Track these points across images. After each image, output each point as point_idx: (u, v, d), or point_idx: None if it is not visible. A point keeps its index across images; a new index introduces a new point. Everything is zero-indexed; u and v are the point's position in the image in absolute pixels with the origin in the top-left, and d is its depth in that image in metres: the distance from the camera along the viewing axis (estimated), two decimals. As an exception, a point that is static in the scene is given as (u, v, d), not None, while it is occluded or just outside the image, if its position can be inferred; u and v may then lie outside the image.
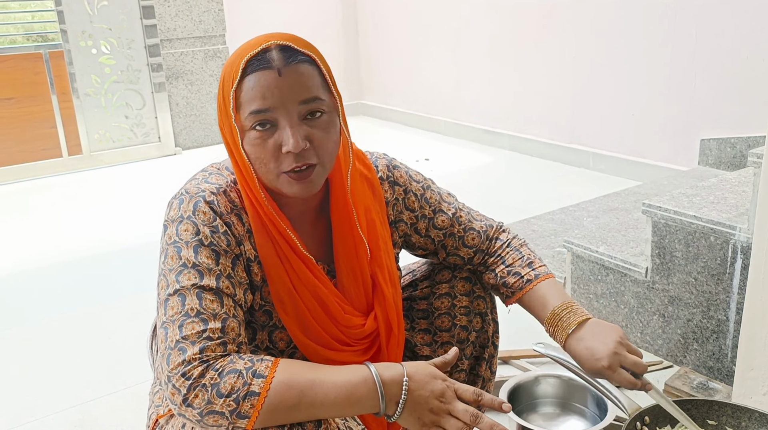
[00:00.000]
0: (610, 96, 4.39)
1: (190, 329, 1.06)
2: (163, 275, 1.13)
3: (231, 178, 1.22)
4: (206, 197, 1.16)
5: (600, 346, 1.31)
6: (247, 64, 1.13)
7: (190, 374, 1.02)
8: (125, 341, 2.59)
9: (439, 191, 1.48)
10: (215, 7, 5.59)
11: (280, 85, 1.13)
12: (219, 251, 1.14)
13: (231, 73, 1.15)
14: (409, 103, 6.26)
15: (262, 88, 1.12)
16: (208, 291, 1.10)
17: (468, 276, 1.52)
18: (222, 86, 1.17)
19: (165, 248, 1.15)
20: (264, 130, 1.14)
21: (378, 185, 1.38)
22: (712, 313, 2.10)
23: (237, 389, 1.02)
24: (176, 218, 1.15)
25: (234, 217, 1.19)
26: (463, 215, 1.48)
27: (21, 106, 5.03)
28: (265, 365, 1.06)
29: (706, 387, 2.06)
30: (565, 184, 4.35)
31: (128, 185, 4.88)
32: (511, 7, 4.97)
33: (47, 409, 2.18)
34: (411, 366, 1.13)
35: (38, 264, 3.45)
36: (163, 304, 1.11)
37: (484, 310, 1.54)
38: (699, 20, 3.74)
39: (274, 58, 1.14)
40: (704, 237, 2.06)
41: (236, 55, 1.16)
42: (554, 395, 1.67)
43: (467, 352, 1.55)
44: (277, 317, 1.24)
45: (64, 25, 5.02)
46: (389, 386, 1.09)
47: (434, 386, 1.11)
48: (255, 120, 1.13)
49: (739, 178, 2.44)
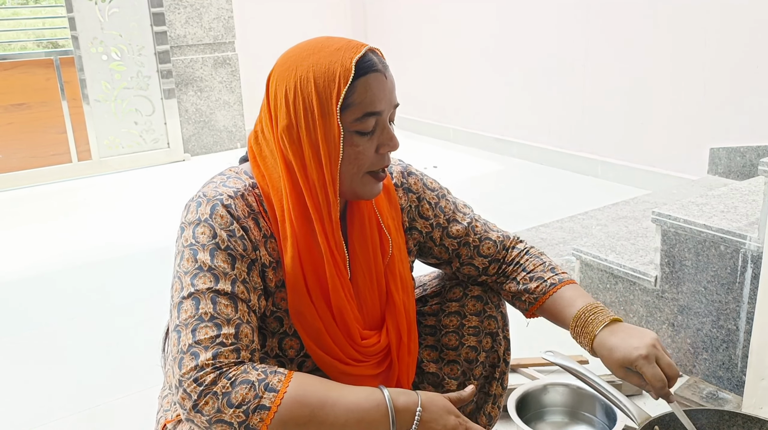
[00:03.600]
0: (619, 104, 4.38)
1: (203, 334, 1.04)
2: (178, 278, 1.12)
3: (249, 182, 1.21)
4: (224, 201, 1.15)
5: (636, 339, 1.27)
6: (356, 65, 1.14)
7: (202, 380, 1.01)
8: (135, 345, 2.60)
9: (455, 201, 1.47)
10: (225, 14, 5.62)
11: (387, 89, 1.17)
12: (235, 255, 1.13)
13: (336, 73, 1.13)
14: (419, 111, 6.26)
15: (378, 90, 1.16)
16: (223, 295, 1.09)
17: (479, 295, 1.49)
18: (318, 86, 1.14)
19: (181, 250, 1.14)
20: (369, 131, 1.17)
21: (393, 191, 1.38)
22: (722, 322, 2.08)
23: (248, 400, 1.00)
24: (193, 221, 1.14)
25: (251, 221, 1.17)
26: (478, 225, 1.46)
27: (32, 111, 5.06)
28: (278, 378, 1.04)
29: (716, 397, 2.05)
30: (575, 192, 4.34)
31: (137, 191, 4.89)
32: (521, 15, 4.98)
33: (57, 412, 2.18)
34: (426, 396, 1.12)
35: (48, 269, 3.46)
36: (176, 307, 1.09)
37: (495, 330, 1.51)
38: (709, 29, 3.73)
39: (376, 61, 1.17)
40: (714, 246, 2.05)
41: (330, 55, 1.15)
42: (563, 403, 1.66)
43: (476, 373, 1.52)
44: (288, 324, 1.23)
45: (75, 31, 5.05)
46: (402, 413, 1.08)
47: (447, 421, 1.11)
48: (368, 121, 1.16)
49: (749, 187, 2.43)
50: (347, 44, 1.17)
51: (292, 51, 1.20)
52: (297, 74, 1.15)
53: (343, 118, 1.14)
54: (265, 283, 1.20)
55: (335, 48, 1.16)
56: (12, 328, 2.82)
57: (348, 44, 1.17)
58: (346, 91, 1.13)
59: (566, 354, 1.41)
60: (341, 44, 1.17)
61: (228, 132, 5.84)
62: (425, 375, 1.53)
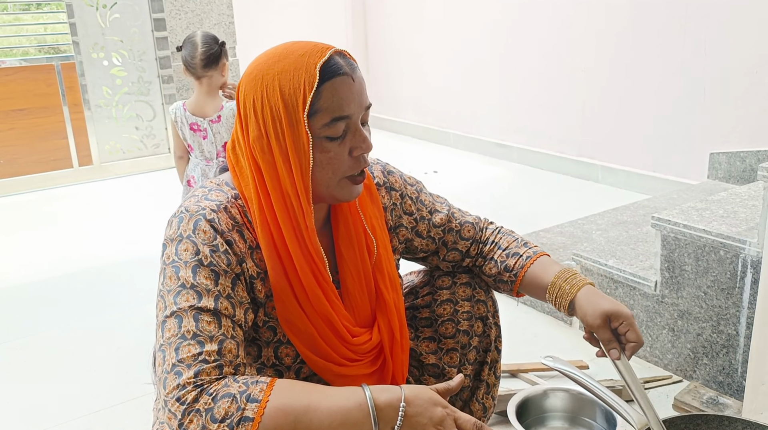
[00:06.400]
0: (619, 109, 4.38)
1: (186, 352, 1.04)
2: (161, 296, 1.11)
3: (231, 194, 1.20)
4: (207, 215, 1.14)
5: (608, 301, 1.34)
6: (321, 70, 1.13)
7: (184, 398, 1.00)
8: (132, 352, 2.59)
9: (431, 193, 1.53)
10: (226, 20, 5.63)
11: (354, 91, 1.16)
12: (219, 271, 1.12)
13: (301, 80, 1.13)
14: (420, 116, 6.27)
15: (345, 94, 1.14)
16: (206, 312, 1.08)
17: (468, 281, 1.54)
18: (284, 94, 1.13)
19: (163, 268, 1.13)
20: (340, 135, 1.16)
21: (375, 191, 1.39)
22: (722, 327, 2.08)
23: (231, 414, 0.99)
24: (175, 238, 1.13)
25: (236, 234, 1.17)
26: (455, 211, 1.53)
27: (33, 117, 5.07)
28: (259, 388, 1.03)
29: (716, 402, 2.05)
30: (575, 197, 4.34)
31: (138, 196, 4.90)
32: (521, 21, 4.99)
33: (54, 419, 2.18)
34: (410, 390, 1.10)
35: (48, 274, 3.46)
36: (160, 326, 1.09)
37: (485, 314, 1.55)
38: (709, 34, 3.74)
39: (342, 65, 1.15)
40: (714, 251, 2.05)
41: (295, 61, 1.14)
42: (563, 408, 1.66)
43: (470, 357, 1.56)
44: (281, 332, 1.23)
45: (77, 37, 5.06)
46: (384, 410, 1.06)
47: (433, 413, 1.08)
48: (337, 126, 1.15)
49: (749, 192, 2.43)
50: (312, 48, 1.16)
51: (259, 59, 1.19)
52: (263, 83, 1.15)
53: (311, 124, 1.14)
54: (254, 294, 1.19)
55: (300, 54, 1.15)
56: (13, 331, 2.82)
57: (313, 48, 1.16)
58: (312, 97, 1.12)
59: (566, 360, 1.41)
60: (306, 49, 1.16)
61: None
62: (425, 367, 1.55)
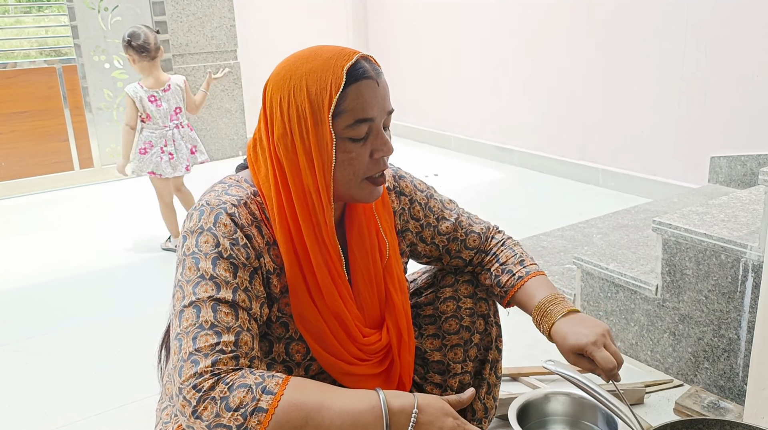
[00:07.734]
0: (620, 113, 4.39)
1: (203, 342, 1.06)
2: (180, 287, 1.13)
3: (251, 191, 1.23)
4: (228, 209, 1.16)
5: (588, 328, 1.34)
6: (347, 72, 1.16)
7: (201, 386, 1.02)
8: (134, 355, 2.59)
9: (441, 199, 1.53)
10: (227, 23, 5.64)
11: (379, 95, 1.19)
12: (238, 264, 1.14)
13: (328, 81, 1.15)
14: (421, 120, 6.28)
15: (369, 97, 1.17)
16: (224, 304, 1.10)
17: (470, 279, 1.57)
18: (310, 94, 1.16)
19: (183, 258, 1.15)
20: (362, 137, 1.19)
21: (386, 195, 1.42)
22: (723, 331, 2.08)
23: (245, 403, 1.01)
24: (196, 229, 1.15)
25: (254, 229, 1.19)
26: (464, 219, 1.53)
27: (34, 119, 5.08)
28: (275, 382, 1.05)
29: (717, 406, 2.05)
30: (575, 201, 4.35)
31: (139, 199, 4.89)
32: (522, 24, 4.99)
33: (55, 422, 2.18)
34: (423, 398, 1.12)
35: (50, 277, 3.46)
36: (178, 315, 1.11)
37: (486, 312, 1.58)
38: (710, 38, 3.74)
39: (368, 68, 1.18)
40: (715, 255, 2.06)
41: (323, 63, 1.17)
42: (564, 413, 1.66)
43: (471, 354, 1.58)
44: (293, 329, 1.25)
45: (78, 39, 5.06)
46: (397, 415, 1.08)
47: (444, 423, 1.10)
48: (360, 128, 1.17)
49: (750, 196, 2.43)
50: (340, 52, 1.19)
51: (287, 61, 1.22)
52: (291, 83, 1.18)
53: (335, 125, 1.16)
54: (270, 289, 1.21)
55: (328, 56, 1.18)
56: (13, 333, 2.82)
57: (341, 52, 1.19)
58: (337, 98, 1.15)
59: (567, 363, 1.42)
60: (334, 52, 1.19)
61: (229, 140, 5.85)
62: (430, 364, 1.58)
